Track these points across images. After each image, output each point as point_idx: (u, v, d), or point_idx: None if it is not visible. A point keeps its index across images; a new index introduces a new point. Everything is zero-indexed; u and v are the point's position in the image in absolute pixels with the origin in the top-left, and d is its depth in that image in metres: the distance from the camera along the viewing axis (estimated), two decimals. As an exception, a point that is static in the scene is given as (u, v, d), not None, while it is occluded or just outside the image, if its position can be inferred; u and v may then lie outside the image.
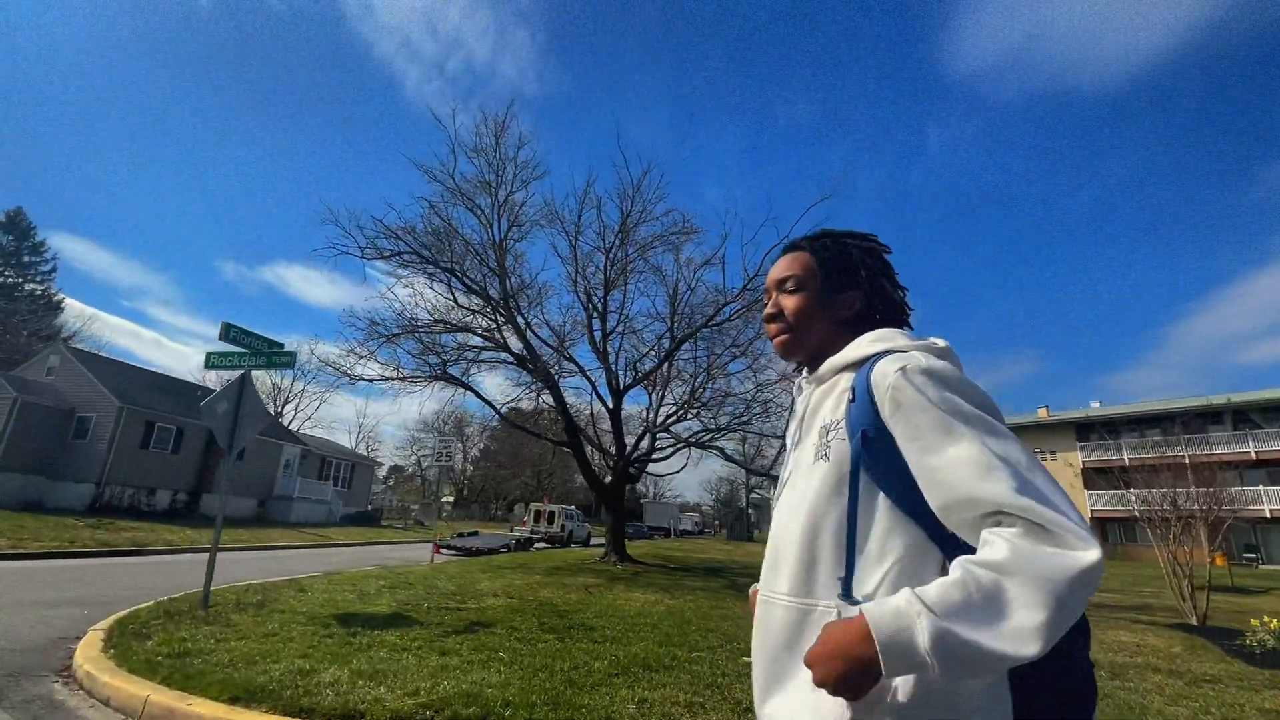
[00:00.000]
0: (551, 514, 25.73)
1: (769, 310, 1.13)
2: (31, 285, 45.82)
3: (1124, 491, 32.67)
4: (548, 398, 16.37)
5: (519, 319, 15.90)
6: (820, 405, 1.02)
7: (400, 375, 14.29)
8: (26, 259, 46.24)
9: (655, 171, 20.15)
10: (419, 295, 15.81)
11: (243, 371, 6.78)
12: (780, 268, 1.14)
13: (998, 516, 0.77)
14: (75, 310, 47.40)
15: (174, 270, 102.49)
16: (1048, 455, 36.88)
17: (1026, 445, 0.82)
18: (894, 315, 1.09)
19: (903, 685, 0.79)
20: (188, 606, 6.41)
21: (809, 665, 0.80)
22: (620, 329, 16.32)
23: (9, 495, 19.53)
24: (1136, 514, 12.66)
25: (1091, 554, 0.71)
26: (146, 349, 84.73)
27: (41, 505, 19.95)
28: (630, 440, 16.81)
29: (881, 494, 0.88)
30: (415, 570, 11.70)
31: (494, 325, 15.88)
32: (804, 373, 1.13)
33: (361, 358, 14.62)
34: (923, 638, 0.71)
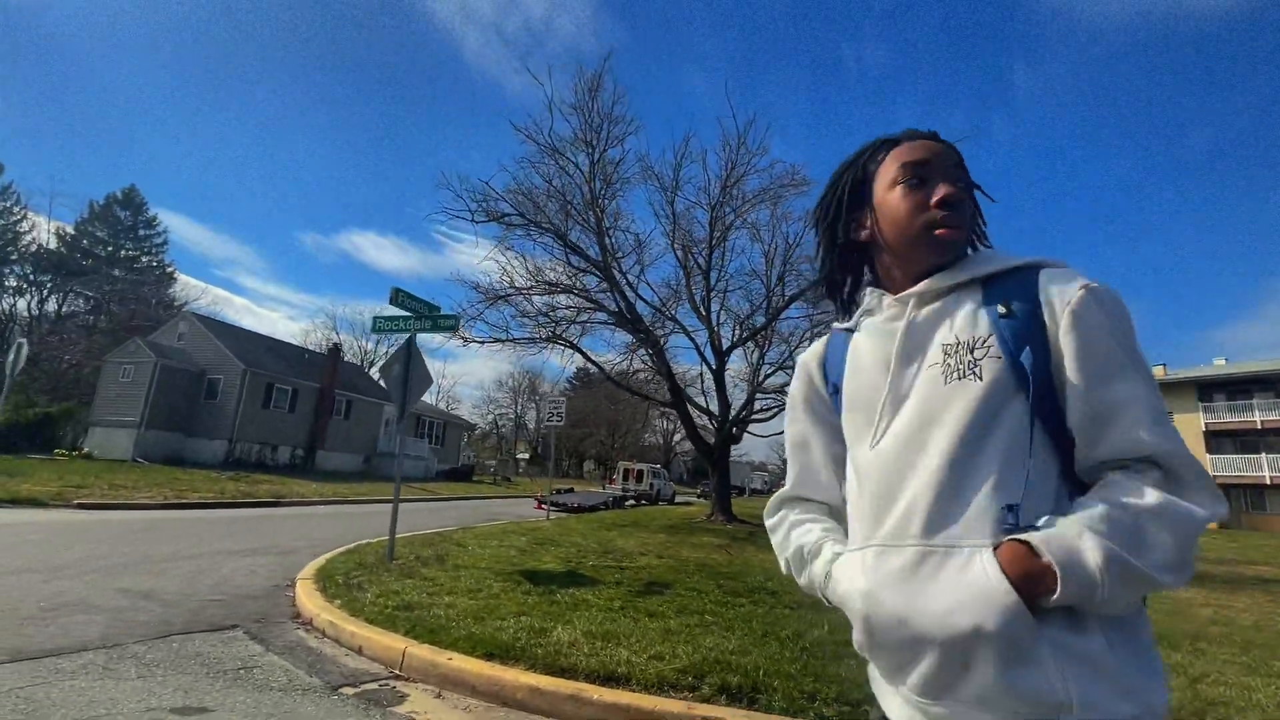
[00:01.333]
0: (640, 472, 26.08)
1: (953, 191, 0.91)
2: (147, 257, 49.66)
3: (1258, 456, 30.01)
4: (642, 357, 16.35)
5: (621, 279, 15.78)
6: (939, 322, 0.89)
7: (511, 338, 14.49)
8: (142, 233, 49.99)
9: (760, 122, 18.77)
10: (522, 259, 15.95)
11: (409, 335, 6.90)
12: (945, 154, 0.95)
13: (1146, 462, 0.77)
14: (183, 281, 51.02)
15: (259, 242, 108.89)
16: (1165, 416, 34.15)
17: None
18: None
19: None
20: (374, 558, 6.73)
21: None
22: (723, 286, 15.90)
23: (156, 450, 21.50)
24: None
25: (1219, 509, 0.75)
26: (239, 315, 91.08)
27: (182, 460, 21.89)
28: (733, 401, 16.56)
29: (1039, 418, 0.80)
30: (541, 526, 12.02)
31: (597, 286, 15.82)
32: (881, 296, 0.98)
33: (472, 319, 14.96)
34: (1093, 557, 0.71)
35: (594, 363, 15.95)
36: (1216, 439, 32.54)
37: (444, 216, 14.33)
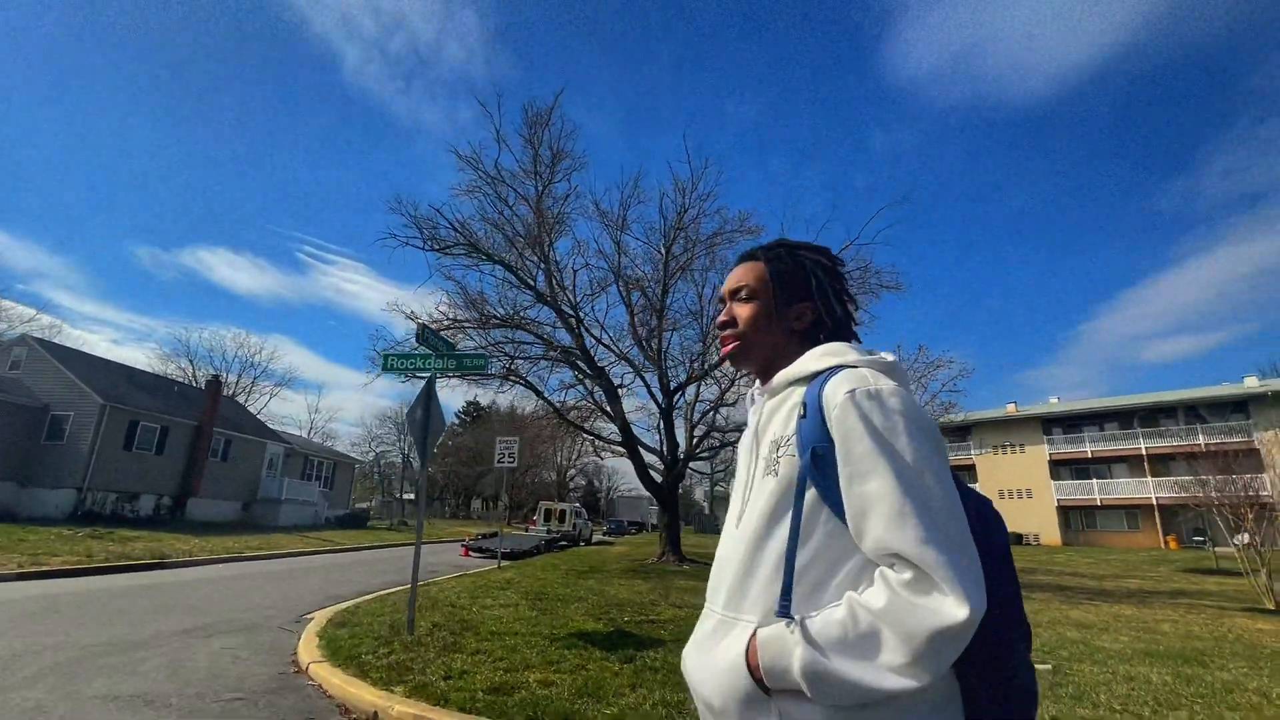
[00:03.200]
0: (563, 512, 25.18)
1: (721, 318, 1.14)
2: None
3: (1089, 481, 35.01)
4: (583, 395, 16.09)
5: (571, 314, 15.50)
6: (771, 419, 1.03)
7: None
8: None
9: (712, 168, 19.20)
10: (463, 291, 15.20)
11: (429, 376, 6.26)
12: (735, 277, 1.15)
13: (895, 557, 0.81)
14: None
15: (77, 253, 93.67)
16: (1016, 449, 39.10)
17: (951, 480, 0.86)
18: (844, 327, 1.11)
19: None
20: (384, 629, 5.90)
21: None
22: (671, 326, 16.13)
23: (-23, 503, 17.52)
24: (1192, 502, 13.49)
25: (961, 612, 0.75)
26: (44, 335, 77.39)
27: (14, 515, 17.98)
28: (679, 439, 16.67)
29: (828, 509, 0.89)
30: (506, 576, 11.18)
31: (547, 321, 15.42)
32: (756, 385, 1.15)
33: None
34: (796, 665, 0.80)
35: (550, 403, 15.37)
36: (1057, 467, 37.69)
37: (393, 243, 13.26)
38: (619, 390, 15.42)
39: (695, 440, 16.51)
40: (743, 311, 1.10)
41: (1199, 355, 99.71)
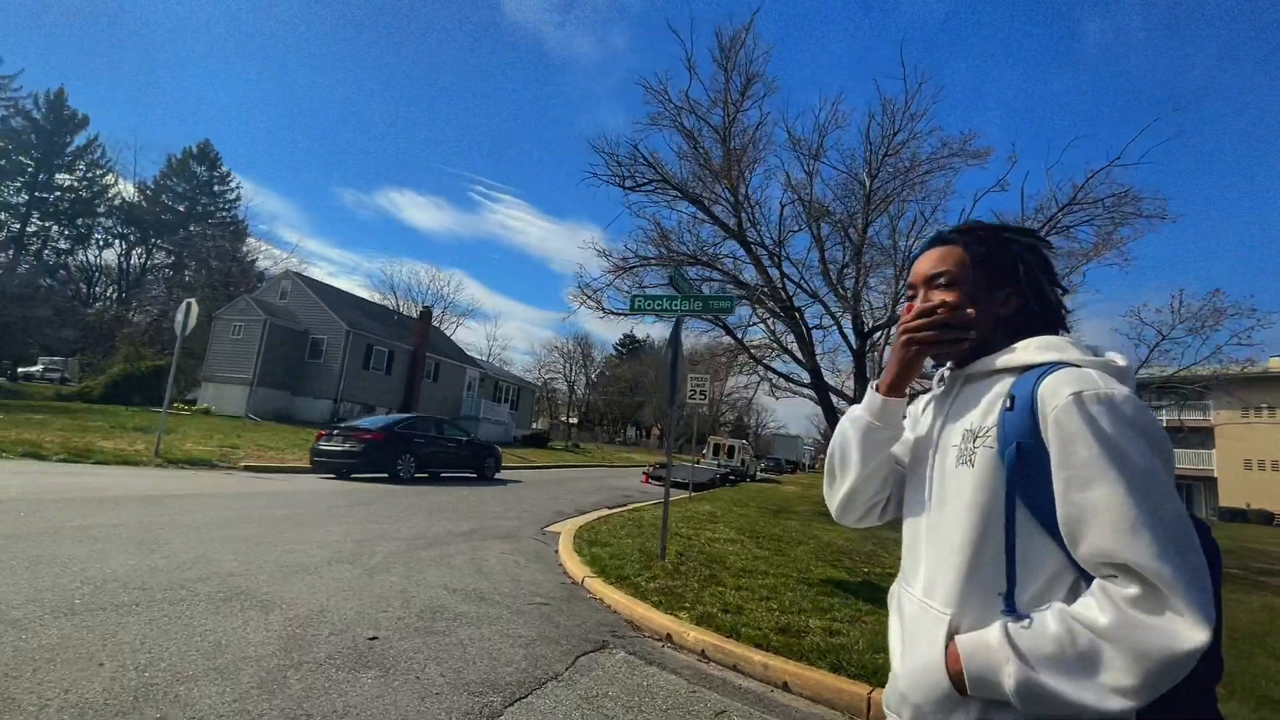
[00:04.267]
0: (731, 448, 25.50)
1: (919, 305, 1.06)
2: (222, 213, 50.44)
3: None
4: (774, 335, 15.63)
5: (762, 252, 14.97)
6: (966, 404, 1.00)
7: (707, 314, 13.91)
8: (216, 189, 50.71)
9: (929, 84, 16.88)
10: (657, 227, 15.28)
11: (676, 316, 6.30)
12: (929, 262, 1.08)
13: (1120, 570, 0.77)
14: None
15: (298, 196, 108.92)
16: (1270, 411, 32.08)
17: (1179, 497, 0.80)
18: (1052, 316, 1.04)
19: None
20: (638, 554, 6.32)
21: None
22: (870, 263, 14.93)
23: (265, 407, 21.82)
24: None
25: (1198, 636, 0.72)
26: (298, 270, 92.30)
27: (289, 417, 22.20)
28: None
29: (1027, 510, 0.87)
30: (708, 509, 11.56)
31: (735, 258, 15.06)
32: (948, 365, 1.09)
33: (594, 292, 14.50)
34: (1009, 681, 0.79)
35: (742, 345, 15.21)
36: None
37: (596, 181, 13.59)
38: (810, 331, 14.78)
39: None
40: (947, 299, 1.03)
41: None
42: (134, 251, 46.13)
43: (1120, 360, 0.94)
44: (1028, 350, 0.96)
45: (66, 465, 8.92)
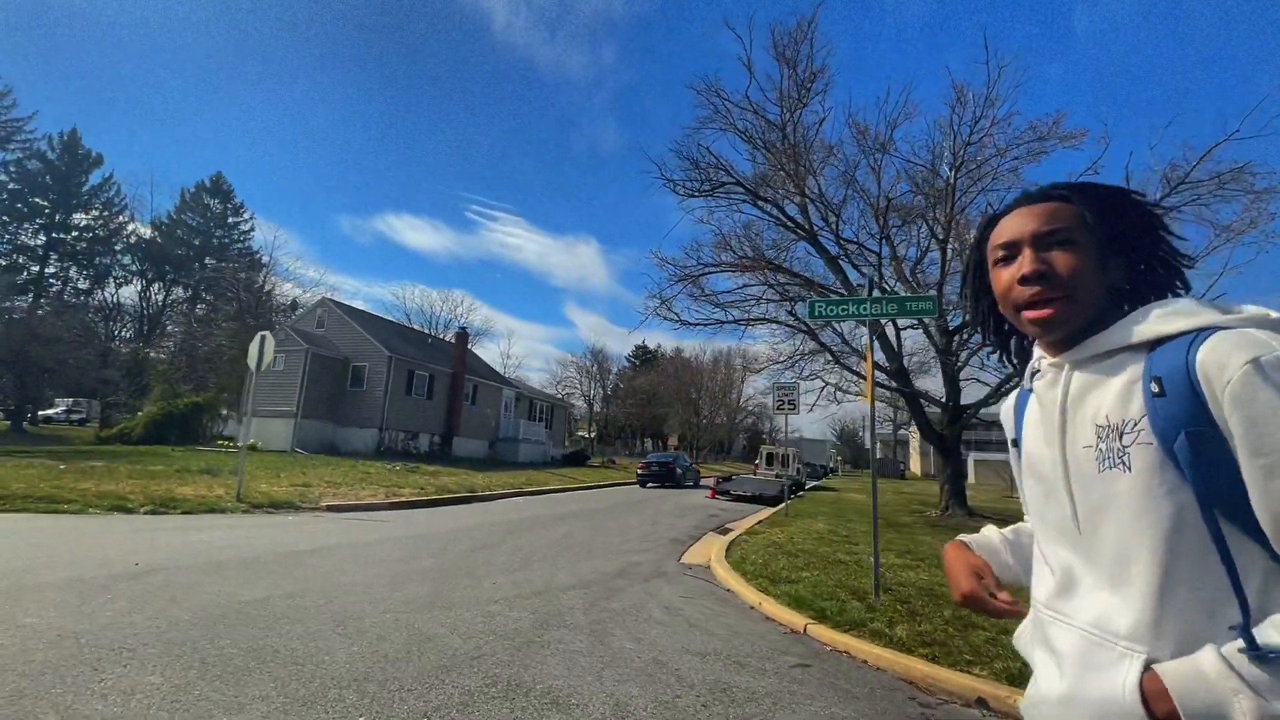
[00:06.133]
0: (785, 456, 24.71)
1: (1032, 267, 0.88)
2: (237, 245, 50.12)
3: None
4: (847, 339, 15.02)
5: (837, 250, 14.40)
6: (1088, 394, 0.85)
7: (743, 319, 13.30)
8: (230, 220, 50.44)
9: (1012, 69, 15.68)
10: (721, 233, 14.75)
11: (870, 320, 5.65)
12: (1039, 218, 0.90)
13: None
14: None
15: (297, 224, 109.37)
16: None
17: None
18: (1173, 281, 0.90)
19: None
20: (845, 591, 5.63)
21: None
22: (955, 257, 14.31)
23: (311, 439, 21.18)
24: None
25: None
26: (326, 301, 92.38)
27: (335, 448, 21.56)
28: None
29: (1215, 509, 0.73)
30: (817, 528, 10.85)
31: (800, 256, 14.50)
32: (1038, 352, 0.96)
33: (662, 302, 13.94)
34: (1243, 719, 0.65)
35: (827, 348, 14.53)
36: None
37: (677, 190, 13.10)
38: (900, 331, 14.15)
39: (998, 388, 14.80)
40: (1064, 260, 0.87)
41: None
42: (152, 288, 45.77)
43: (1273, 313, 0.79)
44: (1156, 320, 0.81)
45: (157, 519, 8.27)
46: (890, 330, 14.17)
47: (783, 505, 15.95)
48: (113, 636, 3.28)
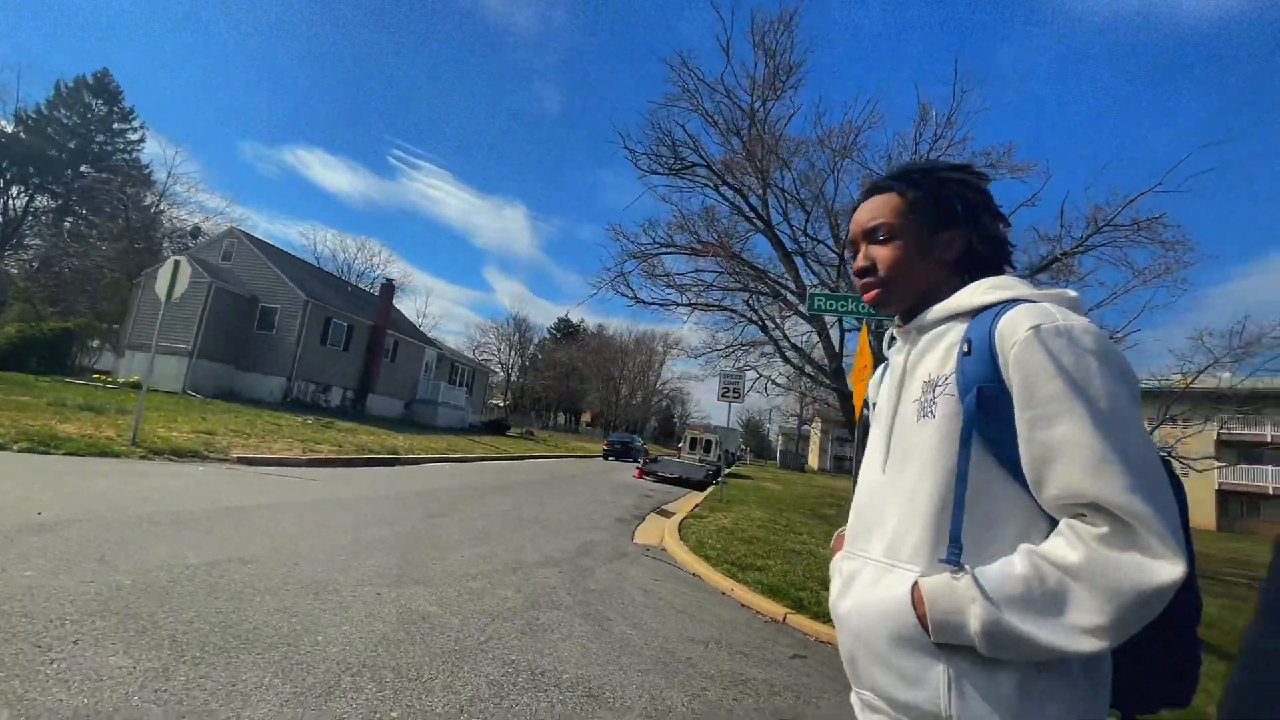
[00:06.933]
0: (709, 442, 25.18)
1: (859, 264, 1.03)
2: (122, 156, 44.11)
3: (1264, 467, 31.87)
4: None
5: (792, 244, 14.65)
6: (923, 357, 0.96)
7: (693, 303, 13.22)
8: (116, 126, 44.29)
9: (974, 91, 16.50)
10: (680, 215, 14.60)
11: (863, 318, 5.70)
12: (867, 214, 1.03)
13: (1096, 510, 0.74)
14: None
15: (191, 142, 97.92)
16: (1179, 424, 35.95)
17: (1145, 430, 0.78)
18: (999, 254, 1.00)
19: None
20: (807, 579, 5.72)
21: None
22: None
23: (206, 382, 19.20)
24: None
25: (1173, 570, 0.70)
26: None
27: (235, 394, 19.66)
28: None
29: (993, 457, 0.83)
30: (764, 517, 11.09)
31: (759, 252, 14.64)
32: (896, 321, 1.06)
33: (617, 277, 13.68)
34: (975, 624, 0.75)
35: (774, 341, 14.78)
36: (1223, 449, 34.45)
37: (639, 164, 12.69)
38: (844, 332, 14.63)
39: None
40: (883, 254, 1.00)
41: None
42: (10, 191, 39.42)
43: (1071, 292, 0.91)
44: (978, 292, 0.92)
45: (39, 459, 7.10)
46: (835, 332, 14.64)
47: (711, 489, 16.26)
48: (44, 606, 2.69)
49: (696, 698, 2.98)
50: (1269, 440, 32.98)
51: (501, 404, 67.64)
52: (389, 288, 25.70)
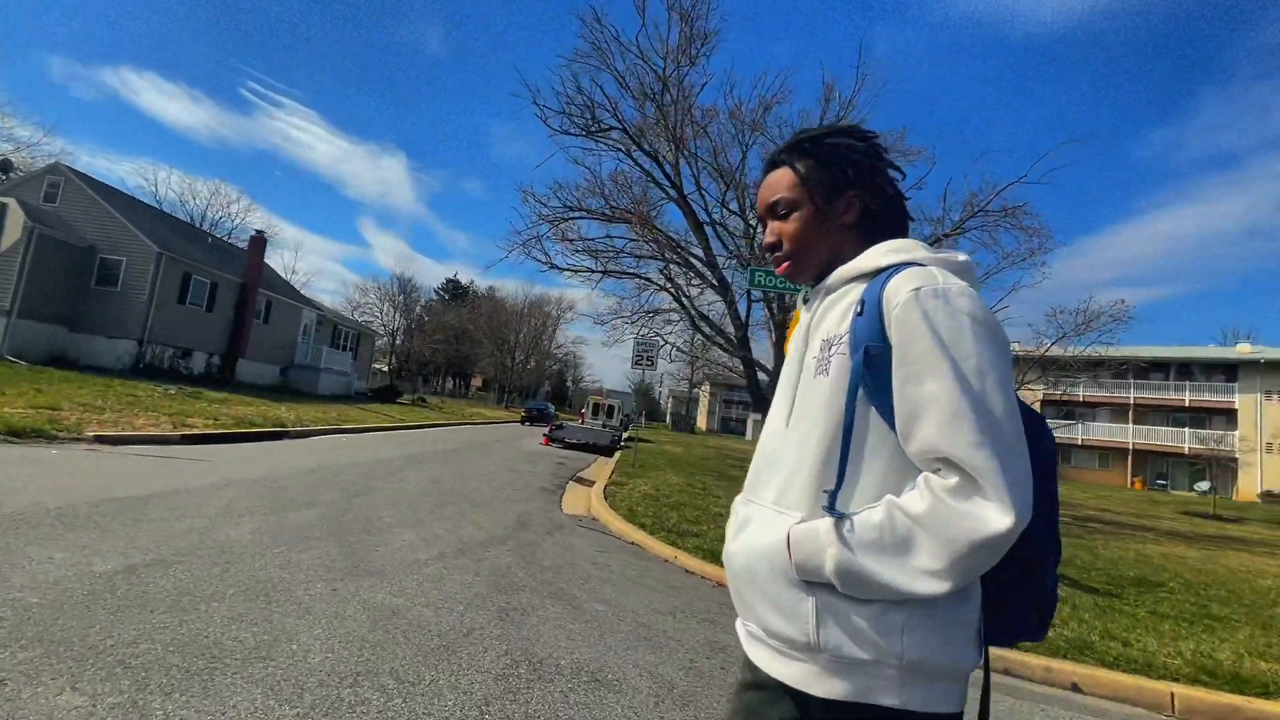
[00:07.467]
0: (611, 407, 25.42)
1: (767, 240, 1.11)
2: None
3: (1074, 423, 37.66)
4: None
5: (702, 221, 14.89)
6: (825, 317, 0.99)
7: (606, 269, 13.08)
8: None
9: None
10: (595, 178, 14.30)
11: (801, 294, 5.97)
12: (767, 190, 1.09)
13: (947, 464, 0.79)
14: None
15: None
16: (1026, 388, 41.40)
17: (1013, 391, 0.83)
18: (896, 208, 1.06)
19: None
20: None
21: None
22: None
23: (31, 346, 16.33)
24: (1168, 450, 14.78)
25: (1004, 520, 0.74)
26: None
27: (72, 360, 16.89)
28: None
29: (874, 411, 0.88)
30: (674, 482, 11.43)
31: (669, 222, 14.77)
32: (807, 286, 1.12)
33: (529, 241, 13.25)
34: (830, 564, 0.83)
35: (689, 311, 14.96)
36: (1046, 408, 40.31)
37: (557, 122, 12.10)
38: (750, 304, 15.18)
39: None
40: (787, 229, 1.04)
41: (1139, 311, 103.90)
42: None
43: (961, 256, 0.97)
44: (877, 254, 0.96)
45: None
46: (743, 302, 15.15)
47: (620, 454, 16.50)
48: (-62, 637, 2.21)
49: (689, 670, 3.08)
50: (1081, 399, 39.03)
51: (386, 369, 63.73)
52: (260, 240, 22.94)
